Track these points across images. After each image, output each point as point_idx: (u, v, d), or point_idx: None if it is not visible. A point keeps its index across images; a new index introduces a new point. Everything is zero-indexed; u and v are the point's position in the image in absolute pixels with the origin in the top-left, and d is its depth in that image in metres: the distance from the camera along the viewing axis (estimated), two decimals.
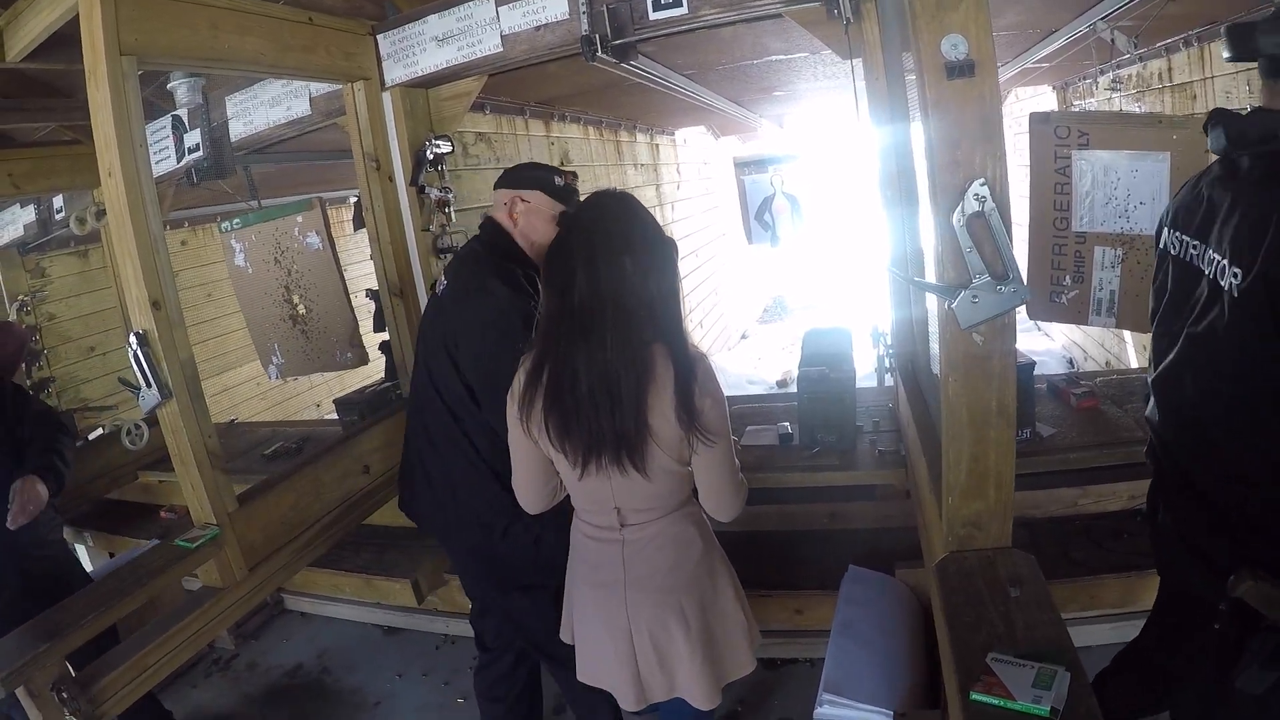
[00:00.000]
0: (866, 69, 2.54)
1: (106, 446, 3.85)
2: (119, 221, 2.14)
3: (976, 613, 1.31)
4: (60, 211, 4.28)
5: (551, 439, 1.73)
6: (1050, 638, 1.24)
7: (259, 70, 2.78)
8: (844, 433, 2.76)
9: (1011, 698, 1.10)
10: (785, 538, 3.06)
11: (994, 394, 1.38)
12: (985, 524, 1.46)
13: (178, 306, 2.24)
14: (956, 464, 1.43)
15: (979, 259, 1.29)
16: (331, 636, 3.81)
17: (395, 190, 3.16)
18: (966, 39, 1.24)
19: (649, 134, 7.99)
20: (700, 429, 1.67)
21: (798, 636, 3.04)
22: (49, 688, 1.93)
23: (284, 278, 3.78)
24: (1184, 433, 1.53)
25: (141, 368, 2.19)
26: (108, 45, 2.04)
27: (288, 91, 3.29)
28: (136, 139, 2.13)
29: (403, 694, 3.33)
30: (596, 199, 1.79)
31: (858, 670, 2.03)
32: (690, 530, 1.87)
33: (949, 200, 1.29)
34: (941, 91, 1.26)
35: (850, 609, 2.32)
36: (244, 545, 2.44)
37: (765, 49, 4.08)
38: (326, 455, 2.88)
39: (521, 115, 4.80)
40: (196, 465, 2.29)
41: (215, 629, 2.41)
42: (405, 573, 3.21)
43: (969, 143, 1.28)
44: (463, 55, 2.90)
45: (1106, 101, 5.13)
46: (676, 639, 1.84)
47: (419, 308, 3.28)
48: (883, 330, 2.94)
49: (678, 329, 1.71)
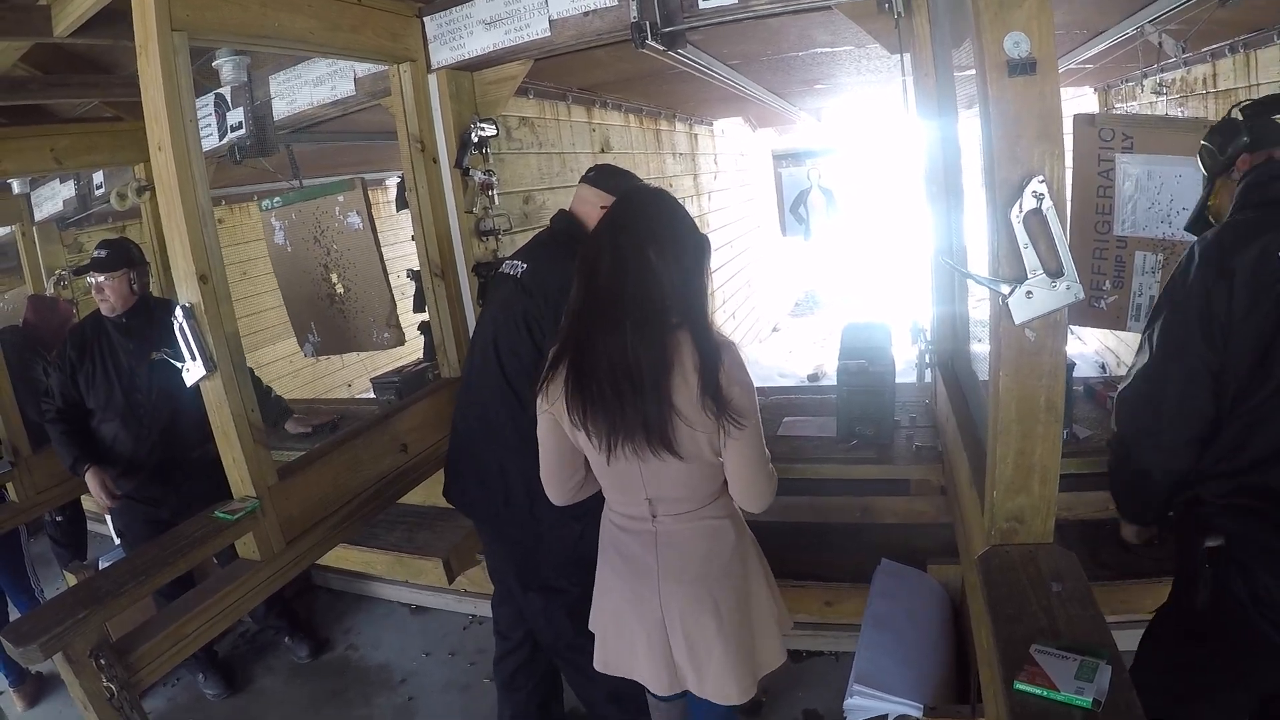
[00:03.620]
0: (915, 63, 2.52)
1: None
2: (168, 196, 2.16)
3: (1018, 605, 1.32)
4: (100, 187, 4.36)
5: (576, 423, 1.75)
6: (1092, 631, 1.24)
7: (307, 49, 2.80)
8: (882, 426, 2.76)
9: (1055, 688, 1.11)
10: (817, 529, 3.07)
11: (1043, 390, 1.38)
12: (1029, 519, 1.46)
13: (224, 281, 2.28)
14: (1003, 458, 1.43)
15: (1035, 255, 1.29)
16: (359, 614, 3.85)
17: (439, 172, 3.19)
18: (1029, 37, 1.24)
19: (688, 123, 7.98)
20: (729, 415, 1.68)
21: (824, 630, 3.04)
22: (87, 654, 1.95)
23: (323, 257, 3.82)
24: None
25: (187, 340, 2.22)
26: (159, 20, 2.06)
27: (332, 71, 3.33)
28: (187, 114, 2.15)
29: (429, 672, 3.36)
30: (629, 194, 1.83)
31: (888, 663, 2.04)
32: (724, 521, 1.88)
33: (1007, 196, 1.29)
34: (1003, 88, 1.27)
35: (882, 602, 2.32)
36: (282, 519, 2.47)
37: (811, 41, 4.06)
38: (365, 433, 2.91)
39: (564, 101, 4.81)
40: (239, 438, 2.32)
41: (252, 601, 2.43)
42: (437, 552, 3.25)
43: (1028, 140, 1.28)
44: (510, 39, 2.92)
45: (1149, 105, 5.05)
46: (709, 631, 1.84)
47: (460, 288, 3.32)
48: (922, 326, 2.93)
49: (702, 318, 1.72)
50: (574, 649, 2.42)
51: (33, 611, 2.30)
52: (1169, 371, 1.60)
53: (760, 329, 11.24)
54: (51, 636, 1.89)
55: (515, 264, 2.32)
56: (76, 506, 3.99)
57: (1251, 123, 1.75)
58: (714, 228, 8.60)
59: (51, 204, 4.74)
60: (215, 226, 2.24)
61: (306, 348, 4.07)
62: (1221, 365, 1.54)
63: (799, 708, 2.89)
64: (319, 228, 3.76)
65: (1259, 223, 1.57)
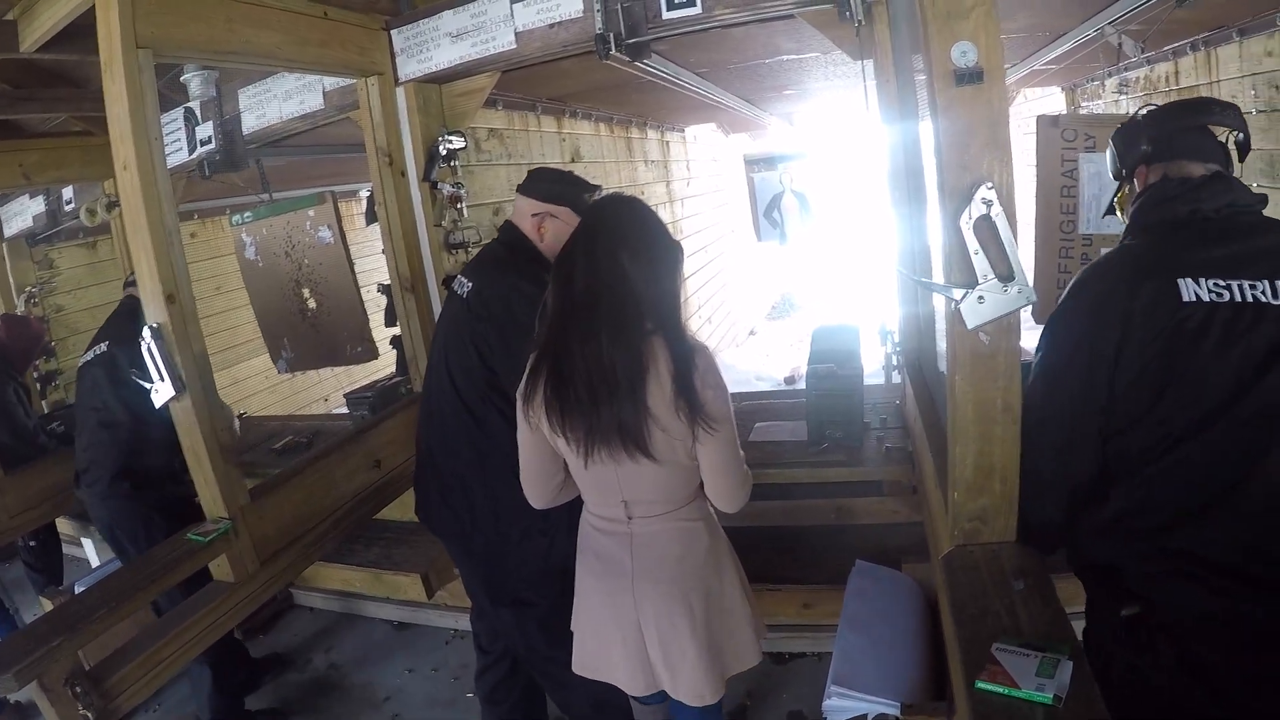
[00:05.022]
0: (877, 70, 2.56)
1: None
2: (133, 215, 2.15)
3: (981, 604, 1.34)
4: (70, 203, 4.31)
5: (554, 427, 1.77)
6: (1053, 628, 1.26)
7: (274, 64, 2.80)
8: (851, 429, 2.78)
9: (1016, 686, 1.13)
10: (793, 533, 3.09)
11: (999, 392, 1.40)
12: (990, 519, 1.49)
13: (191, 300, 2.26)
14: (963, 460, 1.45)
15: (985, 261, 1.31)
16: (340, 632, 3.82)
17: (408, 185, 3.19)
18: (976, 46, 1.26)
19: (660, 131, 8.01)
20: (703, 418, 1.70)
21: (805, 631, 3.06)
22: (63, 682, 1.93)
23: (295, 271, 3.81)
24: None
25: (156, 361, 2.20)
26: (124, 38, 2.06)
27: (301, 85, 3.32)
28: (152, 132, 2.15)
29: (413, 689, 3.34)
30: (603, 202, 1.86)
31: (865, 663, 2.05)
32: (697, 524, 1.90)
33: (957, 203, 1.31)
34: (950, 97, 1.29)
35: (857, 603, 2.34)
36: (256, 539, 2.45)
37: (777, 48, 4.10)
38: (338, 450, 2.91)
39: (534, 111, 4.82)
40: (209, 459, 2.30)
41: (227, 623, 2.42)
42: (416, 567, 3.23)
43: (977, 147, 1.30)
44: (476, 51, 2.92)
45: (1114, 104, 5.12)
46: (682, 632, 1.87)
47: (430, 302, 3.31)
48: (890, 328, 2.96)
49: (675, 323, 1.74)
50: (550, 660, 2.43)
51: (5, 640, 2.28)
52: (1048, 413, 1.47)
53: (737, 333, 11.29)
54: (25, 665, 1.86)
55: (463, 281, 2.32)
56: (51, 530, 3.92)
57: (1154, 131, 1.61)
58: (688, 234, 8.63)
59: (21, 220, 4.67)
60: (182, 245, 2.23)
61: (280, 363, 4.04)
62: (1106, 413, 1.43)
63: (784, 709, 2.91)
64: (290, 242, 3.74)
65: (1147, 256, 1.48)
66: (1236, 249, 1.40)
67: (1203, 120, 1.58)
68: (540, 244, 2.25)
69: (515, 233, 2.29)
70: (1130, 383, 1.40)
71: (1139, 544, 1.42)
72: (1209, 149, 1.56)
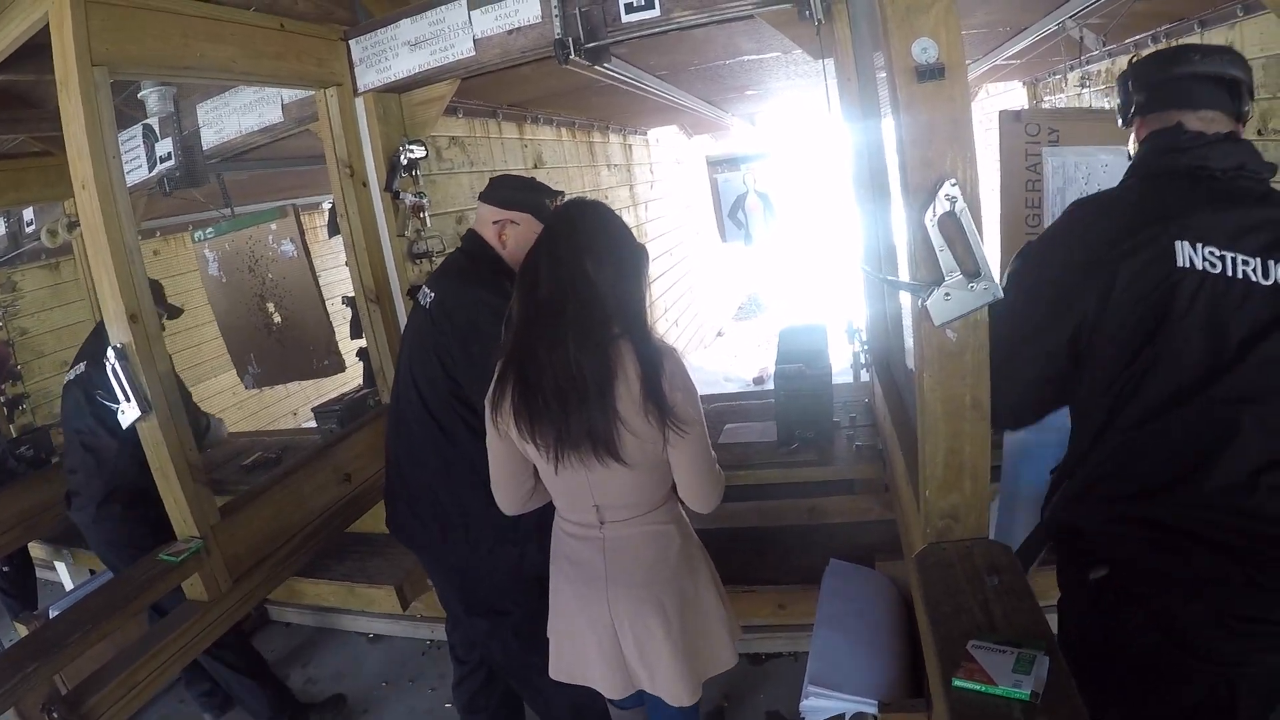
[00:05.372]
0: (838, 68, 2.57)
1: None
2: (94, 234, 2.13)
3: (956, 602, 1.34)
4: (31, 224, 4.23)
5: (523, 434, 1.77)
6: (1028, 624, 1.26)
7: (231, 78, 2.77)
8: (821, 429, 2.80)
9: (993, 683, 1.13)
10: (765, 534, 3.09)
11: (968, 389, 1.41)
12: (962, 516, 1.49)
13: (155, 319, 2.24)
14: (933, 458, 1.46)
15: (951, 257, 1.31)
16: (316, 647, 3.79)
17: (370, 196, 3.16)
18: (937, 43, 1.26)
19: (622, 134, 8.00)
20: (673, 421, 1.71)
21: (781, 631, 3.08)
22: (40, 709, 1.91)
23: (259, 286, 3.77)
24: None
25: (121, 382, 2.17)
26: (79, 56, 2.03)
27: (259, 98, 3.27)
28: (110, 150, 2.12)
29: (391, 701, 3.32)
30: (566, 207, 1.87)
31: (841, 662, 2.05)
32: (670, 527, 1.91)
33: (921, 200, 1.31)
34: (912, 94, 1.29)
35: (832, 602, 2.35)
36: (227, 558, 2.43)
37: (738, 49, 4.11)
38: (307, 465, 2.88)
39: (494, 118, 4.79)
40: (178, 479, 2.28)
41: (202, 643, 2.39)
42: (390, 579, 3.18)
43: (940, 144, 1.30)
44: (435, 60, 2.90)
45: (1076, 97, 5.19)
46: (657, 635, 1.87)
47: (396, 313, 3.28)
48: (857, 326, 2.98)
49: (641, 326, 1.75)
50: (526, 668, 2.42)
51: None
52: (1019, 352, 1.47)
53: (704, 334, 11.31)
54: (2, 693, 1.84)
55: (426, 292, 2.31)
56: (24, 554, 3.84)
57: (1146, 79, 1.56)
58: (652, 237, 8.64)
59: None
60: (143, 264, 2.21)
61: (247, 379, 4.00)
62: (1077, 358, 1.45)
63: (761, 710, 2.92)
64: (253, 257, 3.70)
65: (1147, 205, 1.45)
66: (1238, 216, 1.38)
67: (1187, 69, 1.51)
68: (502, 251, 2.24)
69: (478, 241, 2.28)
70: (1110, 338, 1.41)
71: (1107, 508, 1.45)
72: (1203, 97, 1.49)
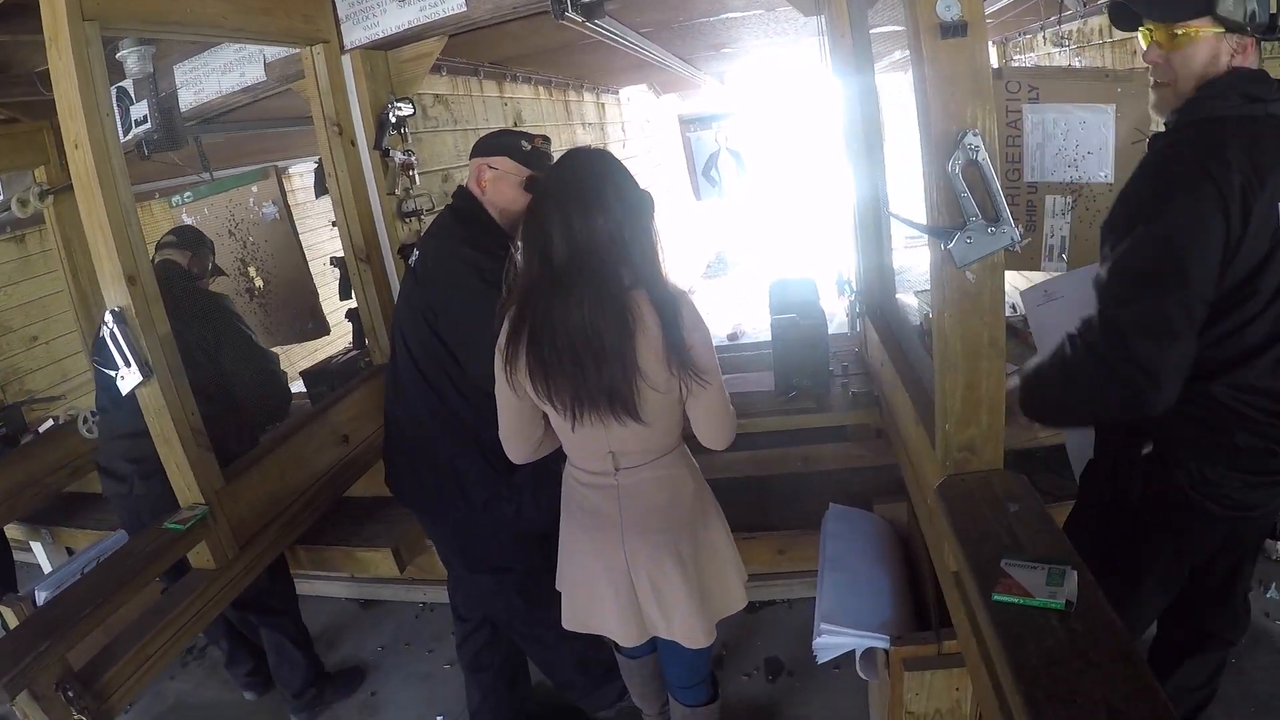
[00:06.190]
0: (831, 24, 2.59)
1: (64, 437, 3.65)
2: (88, 195, 2.06)
3: (982, 528, 1.41)
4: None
5: (539, 393, 1.78)
6: (1052, 543, 1.34)
7: (219, 35, 2.71)
8: (818, 377, 2.85)
9: (1030, 595, 1.20)
10: (761, 482, 3.16)
11: (985, 327, 1.47)
12: (980, 448, 1.56)
13: (152, 281, 2.19)
14: (952, 393, 1.52)
15: (972, 203, 1.37)
16: (308, 614, 3.76)
17: (358, 155, 3.12)
18: (959, 1, 1.30)
19: (595, 93, 7.94)
20: (694, 371, 1.74)
21: (775, 579, 3.17)
22: (53, 688, 1.88)
23: (239, 250, 3.73)
24: None
25: (120, 346, 2.12)
26: (70, 10, 1.96)
27: (240, 57, 3.21)
28: (103, 108, 2.06)
29: (387, 665, 3.35)
30: (571, 157, 1.82)
31: (850, 600, 2.12)
32: (683, 471, 1.95)
33: (944, 150, 1.36)
34: (936, 49, 1.33)
35: (836, 544, 2.42)
36: (233, 523, 2.41)
37: (723, 6, 4.10)
38: (305, 427, 2.87)
39: (476, 76, 4.73)
40: (181, 444, 2.25)
41: (212, 612, 2.37)
42: (386, 542, 3.18)
43: (962, 97, 1.35)
44: (425, 16, 2.86)
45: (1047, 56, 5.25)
46: (673, 579, 1.91)
47: (387, 272, 3.27)
48: (848, 278, 3.03)
49: (655, 273, 1.76)
50: (531, 623, 2.47)
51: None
52: (1166, 309, 1.42)
53: None
54: (14, 675, 1.80)
55: (415, 252, 2.32)
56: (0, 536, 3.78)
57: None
58: None
59: None
60: (139, 225, 2.16)
61: None
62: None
63: (760, 656, 3.00)
64: (233, 220, 3.65)
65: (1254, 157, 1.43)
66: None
67: None
68: (482, 197, 2.22)
69: (464, 197, 2.27)
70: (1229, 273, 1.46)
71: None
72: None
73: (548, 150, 2.22)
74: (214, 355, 2.82)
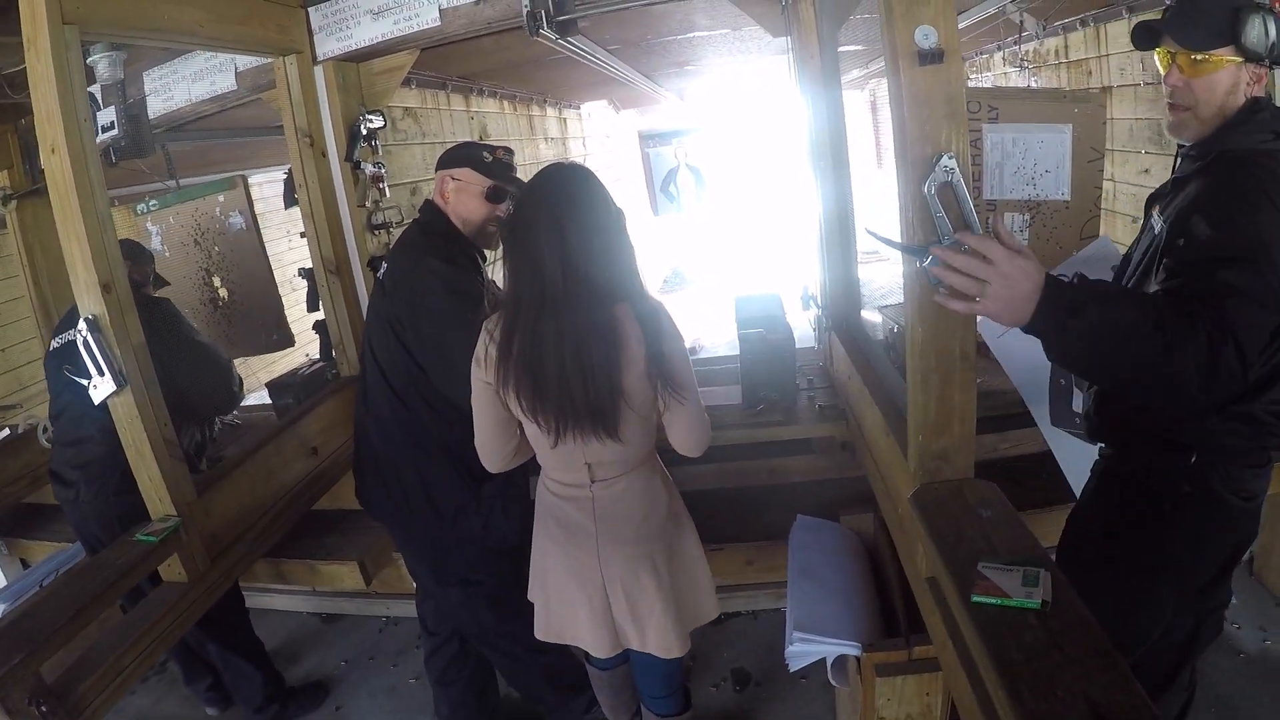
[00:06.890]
0: (799, 44, 2.67)
1: (23, 446, 3.56)
2: (64, 201, 2.04)
3: (956, 533, 1.47)
4: None
5: (525, 409, 1.80)
6: (1025, 546, 1.41)
7: (195, 43, 2.68)
8: (785, 390, 2.91)
9: (1007, 596, 1.26)
10: (728, 495, 3.19)
11: (957, 341, 1.53)
12: (952, 457, 1.62)
13: (127, 289, 2.17)
14: (925, 404, 1.58)
15: (947, 223, 1.43)
16: (269, 629, 3.69)
17: (329, 166, 3.11)
18: (936, 29, 1.37)
19: (558, 108, 7.96)
20: (673, 387, 1.78)
21: (740, 590, 3.22)
22: (27, 702, 1.84)
23: (204, 260, 3.69)
24: None
25: (94, 355, 2.09)
26: (50, 13, 1.94)
27: (211, 65, 3.18)
28: (81, 113, 2.04)
29: (352, 680, 3.32)
30: (553, 173, 1.82)
31: (820, 609, 2.17)
32: (656, 481, 1.99)
33: (920, 172, 1.42)
34: (913, 76, 1.40)
35: (804, 554, 2.47)
36: (205, 536, 2.38)
37: (692, 25, 4.16)
38: (275, 439, 2.84)
39: (444, 90, 4.73)
40: (154, 455, 2.22)
41: (184, 625, 2.33)
42: (350, 555, 3.14)
43: (937, 121, 1.42)
44: (399, 29, 2.88)
45: (1004, 76, 5.41)
46: (649, 590, 1.95)
47: (356, 285, 3.25)
48: (813, 292, 3.10)
49: (637, 287, 1.80)
50: (501, 636, 2.48)
51: None
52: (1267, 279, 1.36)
53: None
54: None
55: (383, 265, 2.35)
56: None
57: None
58: None
59: None
60: (115, 232, 2.14)
61: None
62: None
63: (727, 667, 3.04)
64: (199, 230, 3.62)
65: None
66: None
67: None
68: (446, 207, 2.26)
69: (429, 208, 2.30)
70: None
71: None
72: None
73: (509, 161, 2.27)
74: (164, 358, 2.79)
